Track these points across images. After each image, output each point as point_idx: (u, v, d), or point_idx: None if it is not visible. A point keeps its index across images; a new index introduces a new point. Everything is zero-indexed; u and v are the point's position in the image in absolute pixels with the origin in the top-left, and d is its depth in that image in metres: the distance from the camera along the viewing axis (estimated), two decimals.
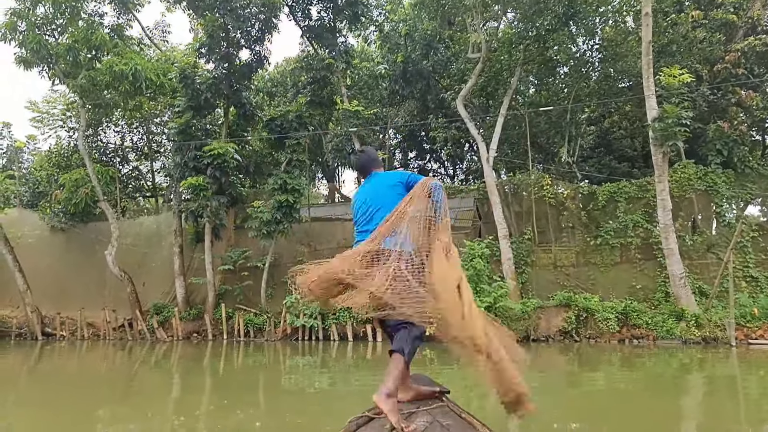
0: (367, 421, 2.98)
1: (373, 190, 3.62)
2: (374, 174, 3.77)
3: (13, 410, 8.14)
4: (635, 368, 11.68)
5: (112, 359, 14.60)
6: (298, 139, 17.84)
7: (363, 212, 3.58)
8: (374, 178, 3.73)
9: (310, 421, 6.75)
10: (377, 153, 4.03)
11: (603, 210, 17.41)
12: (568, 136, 19.26)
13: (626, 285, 16.26)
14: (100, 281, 20.03)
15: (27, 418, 7.46)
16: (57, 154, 23.03)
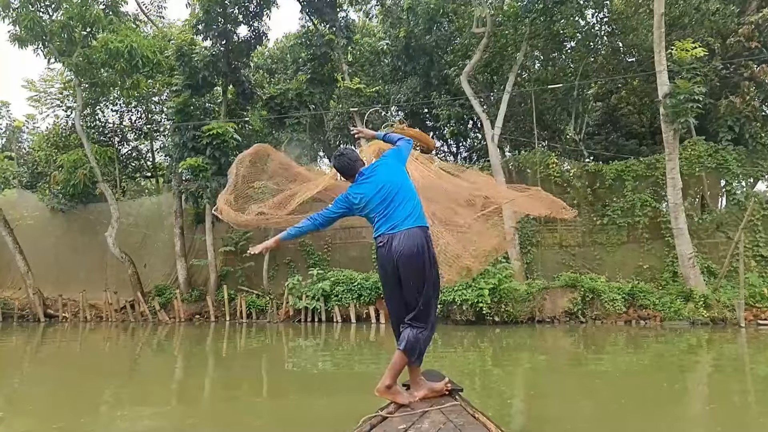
0: (381, 420, 2.98)
1: (383, 179, 3.65)
2: (366, 171, 3.79)
3: (19, 390, 8.16)
4: (641, 349, 11.53)
5: (115, 341, 14.56)
6: (299, 118, 17.47)
7: (380, 199, 3.59)
8: (374, 173, 3.74)
9: (312, 402, 6.63)
10: (356, 152, 4.03)
11: (609, 188, 17.08)
12: (574, 113, 18.79)
13: (633, 265, 16.03)
14: (101, 263, 19.91)
15: (32, 399, 7.44)
16: (55, 134, 22.67)
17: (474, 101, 16.87)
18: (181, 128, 17.58)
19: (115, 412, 6.62)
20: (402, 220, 3.49)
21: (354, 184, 3.81)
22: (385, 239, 3.50)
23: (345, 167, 3.88)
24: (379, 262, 3.64)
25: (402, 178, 3.70)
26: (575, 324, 14.52)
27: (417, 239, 3.43)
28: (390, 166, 3.77)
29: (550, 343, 12.41)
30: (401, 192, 3.59)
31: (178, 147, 17.71)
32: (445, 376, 3.79)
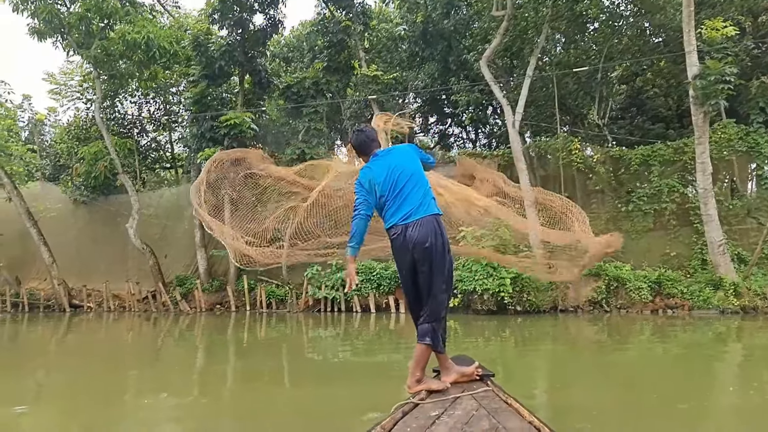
0: (413, 407, 2.97)
1: (394, 161, 3.65)
2: (381, 152, 3.80)
3: (46, 379, 8.32)
4: (669, 339, 11.24)
5: (138, 331, 14.72)
6: (316, 107, 17.30)
7: (390, 184, 3.58)
8: (388, 155, 3.74)
9: (333, 391, 6.55)
10: (375, 132, 4.04)
11: (634, 174, 16.62)
12: (598, 97, 18.26)
13: (660, 253, 15.60)
14: (122, 254, 20.11)
15: (59, 387, 7.57)
16: (76, 126, 22.89)
17: (494, 86, 16.47)
18: (199, 119, 17.56)
19: (140, 401, 6.70)
20: (415, 209, 3.50)
21: (366, 164, 3.81)
22: (399, 230, 3.51)
23: (362, 144, 3.88)
24: (394, 252, 3.64)
25: (415, 166, 3.68)
26: (599, 313, 14.20)
27: (431, 226, 3.46)
28: (405, 152, 3.75)
29: (573, 333, 12.15)
30: (413, 178, 3.59)
31: (196, 138, 17.71)
32: (475, 361, 3.76)
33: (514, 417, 2.75)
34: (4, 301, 18.63)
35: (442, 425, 2.66)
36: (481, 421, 2.70)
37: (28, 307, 18.60)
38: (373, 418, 5.36)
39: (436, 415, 2.80)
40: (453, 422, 2.70)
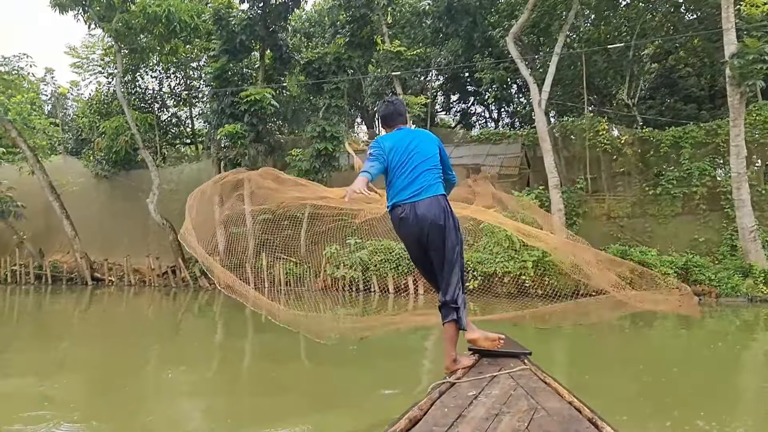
0: (449, 386, 2.95)
1: (416, 139, 3.63)
2: (405, 128, 3.77)
3: (70, 350, 8.50)
4: (694, 326, 10.90)
5: (158, 305, 14.88)
6: (337, 83, 16.99)
7: (406, 156, 3.55)
8: (412, 131, 3.75)
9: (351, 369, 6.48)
10: (405, 107, 3.97)
11: (663, 156, 16.11)
12: (628, 76, 17.64)
13: (687, 238, 15.15)
14: (143, 228, 20.27)
15: (82, 358, 7.74)
16: (97, 100, 22.94)
17: (520, 64, 15.98)
18: (219, 94, 17.41)
19: (160, 374, 6.78)
20: (426, 188, 3.47)
21: (389, 133, 3.80)
22: (407, 207, 3.45)
23: (390, 115, 3.82)
24: (402, 231, 3.58)
25: (434, 152, 3.64)
26: None
27: (441, 204, 3.46)
28: (430, 139, 3.74)
29: (594, 318, 11.87)
30: (430, 160, 3.56)
31: (216, 113, 17.60)
32: (513, 340, 3.85)
33: (552, 397, 2.69)
34: (28, 273, 18.93)
35: (480, 405, 2.61)
36: (519, 401, 2.65)
37: (51, 280, 18.88)
38: (389, 394, 5.31)
39: (473, 395, 2.77)
40: (491, 402, 2.65)
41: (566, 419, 2.35)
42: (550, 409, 2.48)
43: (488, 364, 3.50)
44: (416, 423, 2.36)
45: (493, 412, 2.48)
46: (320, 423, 4.74)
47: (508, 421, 2.35)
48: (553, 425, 2.29)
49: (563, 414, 2.42)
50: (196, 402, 5.63)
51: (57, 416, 4.68)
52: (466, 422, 2.37)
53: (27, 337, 10.46)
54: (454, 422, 2.37)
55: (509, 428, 2.27)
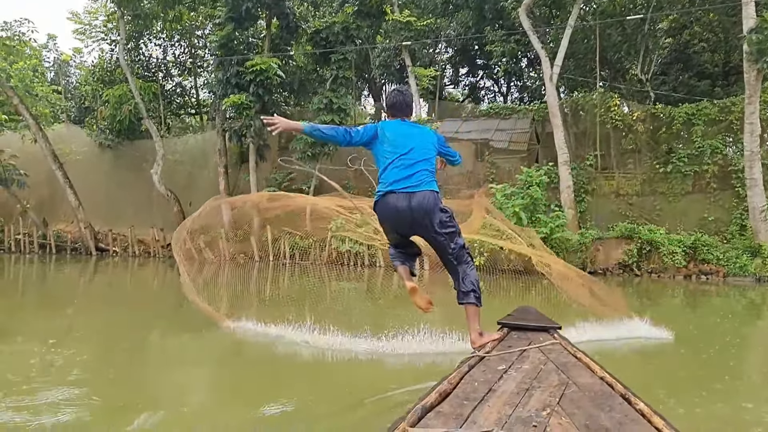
0: (478, 361, 2.93)
1: (418, 136, 3.82)
2: (407, 121, 3.92)
3: (76, 318, 8.40)
4: (700, 305, 10.92)
5: (163, 276, 14.86)
6: (345, 54, 16.64)
7: (407, 150, 3.73)
8: (415, 126, 3.91)
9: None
10: (413, 99, 4.12)
11: (675, 134, 15.86)
12: (643, 50, 17.22)
13: (697, 217, 15.02)
14: (147, 199, 20.17)
15: (88, 326, 7.74)
16: (100, 68, 22.59)
17: (533, 37, 15.59)
18: (225, 63, 17.09)
19: (165, 341, 6.81)
20: (422, 182, 3.68)
21: (390, 120, 3.93)
22: (402, 196, 3.64)
23: (397, 104, 3.93)
24: (389, 214, 3.73)
25: (432, 152, 3.86)
26: (629, 277, 13.84)
27: (434, 197, 3.68)
28: (431, 136, 3.92)
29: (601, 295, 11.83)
30: (429, 161, 3.77)
31: (222, 83, 17.30)
32: (543, 314, 3.91)
33: (584, 372, 2.64)
34: (32, 242, 18.93)
35: (510, 380, 2.58)
36: (549, 376, 2.61)
37: (55, 249, 18.87)
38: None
39: (503, 369, 2.74)
40: (521, 377, 2.61)
41: (598, 395, 2.30)
42: (581, 385, 2.44)
43: (517, 338, 3.47)
44: (446, 396, 2.34)
45: (524, 387, 2.45)
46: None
47: (539, 396, 2.31)
48: (585, 401, 2.24)
49: (595, 389, 2.37)
50: (195, 369, 5.62)
51: (62, 380, 4.73)
52: (497, 396, 2.34)
53: (34, 304, 10.50)
54: (485, 396, 2.34)
55: (540, 403, 2.22)
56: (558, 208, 14.67)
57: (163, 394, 4.79)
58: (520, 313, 3.97)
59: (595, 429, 1.92)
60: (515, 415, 2.09)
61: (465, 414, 2.11)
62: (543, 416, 2.06)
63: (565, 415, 2.06)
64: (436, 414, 2.12)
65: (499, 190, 14.08)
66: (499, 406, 2.20)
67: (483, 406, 2.20)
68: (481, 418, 2.07)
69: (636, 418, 1.99)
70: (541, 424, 1.97)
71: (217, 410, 4.32)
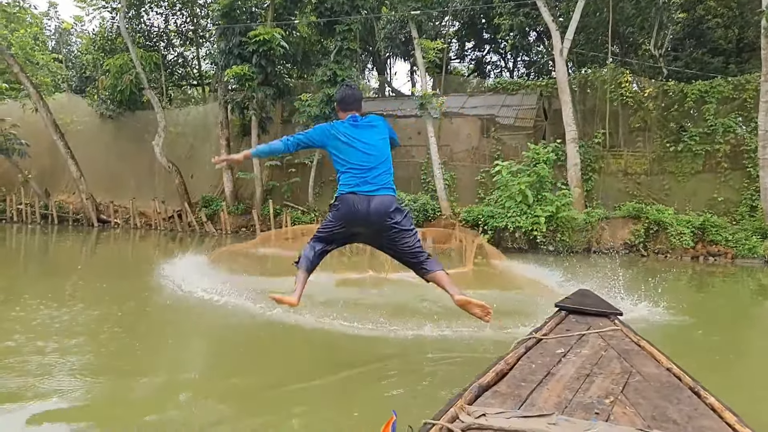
0: (536, 342, 2.91)
1: (373, 133, 4.05)
2: (360, 120, 4.09)
3: (81, 284, 8.41)
4: (706, 286, 10.76)
5: (164, 248, 14.76)
6: (349, 24, 16.22)
7: (366, 157, 3.95)
8: (371, 128, 4.08)
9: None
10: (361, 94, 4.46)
11: (686, 112, 15.51)
12: (657, 25, 16.73)
13: (706, 197, 14.77)
14: (149, 171, 20.02)
15: (95, 291, 7.74)
16: (101, 37, 22.20)
17: (543, 9, 15.13)
18: (227, 34, 16.72)
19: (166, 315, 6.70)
20: (382, 186, 3.93)
21: (342, 121, 4.09)
22: (362, 198, 3.87)
23: (346, 98, 4.16)
24: (347, 214, 3.95)
25: (389, 152, 4.11)
26: (635, 257, 13.66)
27: (391, 200, 3.97)
28: (384, 131, 4.14)
29: (605, 274, 11.66)
30: (386, 162, 4.01)
31: (224, 54, 16.96)
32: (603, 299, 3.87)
33: (648, 361, 2.55)
34: (34, 212, 18.84)
35: (569, 364, 2.53)
36: (611, 363, 2.53)
37: (57, 220, 18.79)
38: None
39: (561, 353, 2.70)
40: (581, 362, 2.55)
41: (665, 386, 2.21)
42: (646, 374, 2.35)
43: (576, 322, 3.36)
44: (503, 377, 2.33)
45: (584, 372, 2.39)
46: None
47: (600, 383, 2.24)
48: (651, 391, 2.15)
49: (661, 380, 2.28)
50: (199, 339, 5.55)
51: (65, 342, 4.88)
52: (556, 380, 2.29)
53: (38, 273, 10.51)
54: (543, 379, 2.30)
55: (603, 390, 2.15)
56: (564, 186, 14.44)
57: (157, 360, 4.77)
58: (578, 296, 3.89)
59: (663, 421, 1.85)
60: (576, 400, 2.05)
61: (523, 395, 2.09)
62: (606, 404, 2.01)
63: (630, 405, 2.00)
64: (493, 393, 2.11)
65: (505, 167, 13.84)
66: (559, 390, 2.16)
67: (542, 389, 2.17)
68: (540, 400, 2.04)
69: (706, 413, 1.91)
70: (603, 412, 1.92)
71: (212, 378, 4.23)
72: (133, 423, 3.42)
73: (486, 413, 1.84)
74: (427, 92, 15.79)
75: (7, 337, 5.03)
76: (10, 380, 3.89)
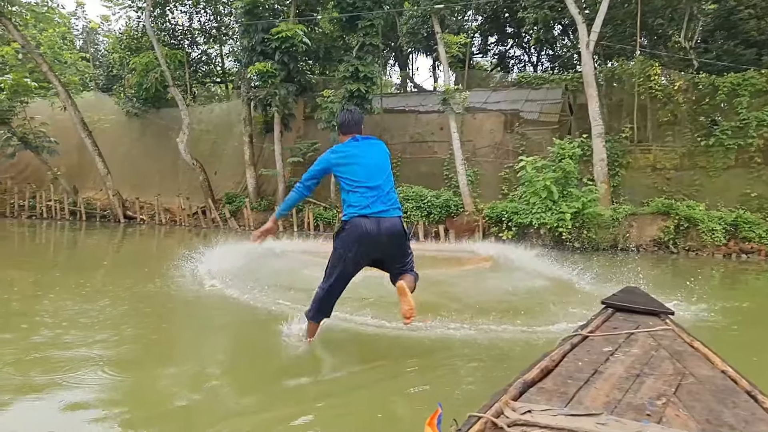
0: (582, 339, 2.83)
1: (375, 153, 4.21)
2: (362, 141, 4.25)
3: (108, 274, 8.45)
4: (739, 284, 10.47)
5: (189, 243, 14.90)
6: (372, 19, 16.14)
7: (371, 176, 4.05)
8: (372, 145, 4.27)
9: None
10: (363, 117, 4.51)
11: (715, 106, 15.07)
12: (687, 15, 16.27)
13: (738, 192, 14.34)
14: (173, 168, 20.26)
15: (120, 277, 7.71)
16: (127, 36, 22.53)
17: (569, 1, 14.82)
18: (250, 31, 16.78)
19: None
20: (391, 207, 4.07)
21: (343, 144, 4.26)
22: (371, 221, 3.96)
23: (347, 122, 4.31)
24: (359, 239, 3.99)
25: (390, 168, 4.27)
26: (664, 254, 13.34)
27: (401, 223, 4.15)
28: (386, 154, 4.31)
29: (633, 273, 11.41)
30: (389, 179, 4.17)
31: (247, 51, 17.04)
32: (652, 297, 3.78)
33: (703, 363, 2.47)
34: (63, 208, 19.20)
35: (618, 363, 2.45)
36: (662, 364, 2.45)
37: (86, 216, 19.13)
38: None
39: (609, 351, 2.62)
40: (630, 361, 2.48)
41: (720, 389, 2.13)
42: (700, 377, 2.27)
43: (623, 320, 3.28)
44: (548, 373, 2.29)
45: (634, 372, 2.33)
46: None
47: (651, 384, 2.18)
48: (705, 394, 2.07)
49: (716, 383, 2.20)
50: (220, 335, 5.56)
51: (91, 335, 4.99)
52: (604, 379, 2.23)
53: (71, 266, 10.80)
54: (590, 378, 2.24)
55: (654, 391, 2.09)
56: (590, 182, 14.17)
57: (182, 353, 4.87)
58: (626, 293, 3.78)
59: (718, 425, 1.78)
60: (626, 400, 1.99)
61: (570, 393, 2.05)
62: (658, 405, 1.95)
63: (683, 407, 1.95)
64: (538, 390, 2.07)
65: (530, 163, 13.63)
66: (607, 390, 2.11)
67: (589, 387, 2.12)
68: (587, 399, 2.00)
69: (765, 418, 1.83)
70: (655, 413, 1.86)
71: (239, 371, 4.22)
72: (157, 413, 3.46)
73: (532, 410, 1.79)
74: (450, 87, 15.63)
75: (35, 331, 5.14)
76: (39, 373, 3.96)
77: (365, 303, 6.23)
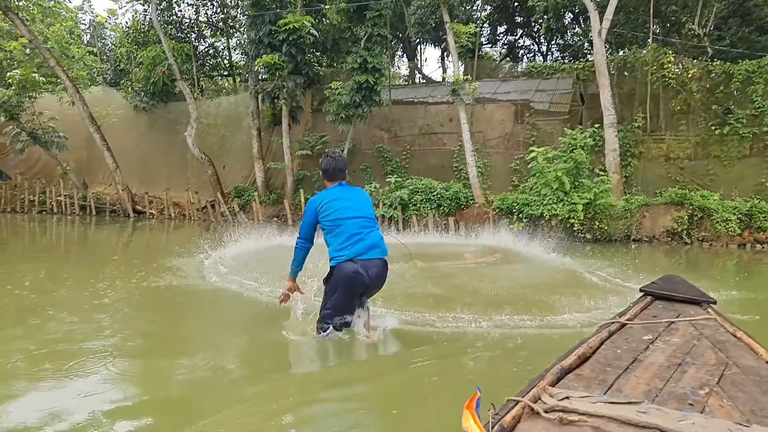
0: (619, 327, 2.79)
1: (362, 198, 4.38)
2: (347, 188, 4.38)
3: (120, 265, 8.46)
4: (754, 274, 10.27)
5: (198, 237, 14.88)
6: (380, 10, 15.97)
7: (356, 219, 4.19)
8: (357, 191, 4.45)
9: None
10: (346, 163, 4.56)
11: (731, 93, 14.80)
12: (702, 1, 15.97)
13: (753, 182, 14.12)
14: (182, 162, 20.25)
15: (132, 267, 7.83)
16: (134, 29, 22.48)
17: None
18: (257, 23, 16.66)
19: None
20: (374, 246, 4.16)
21: (328, 189, 4.35)
22: (357, 264, 4.04)
23: (330, 168, 4.36)
24: (346, 279, 4.06)
25: (374, 215, 4.40)
26: (678, 245, 13.16)
27: (385, 266, 4.28)
28: (368, 200, 4.44)
29: (647, 264, 11.26)
30: (374, 223, 4.31)
31: (254, 43, 16.93)
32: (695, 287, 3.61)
33: (746, 354, 2.40)
34: (73, 203, 19.27)
35: (659, 351, 2.41)
36: (704, 353, 2.39)
37: (95, 211, 19.19)
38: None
39: (649, 340, 2.58)
40: (671, 350, 2.43)
41: (765, 380, 2.07)
42: (744, 367, 2.21)
43: (663, 308, 3.21)
44: (585, 360, 2.26)
45: (675, 361, 2.28)
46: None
47: (694, 373, 2.13)
48: (750, 385, 2.01)
49: (761, 373, 2.14)
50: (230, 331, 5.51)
51: (103, 328, 4.99)
52: (644, 367, 2.19)
53: (83, 259, 10.94)
54: (630, 366, 2.20)
55: (696, 381, 2.04)
56: (602, 172, 13.99)
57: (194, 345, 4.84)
58: (665, 281, 3.73)
59: (763, 416, 1.72)
60: (667, 390, 1.96)
61: (609, 380, 2.02)
62: (701, 395, 1.90)
63: (727, 398, 1.89)
64: (576, 377, 2.06)
65: (541, 153, 13.47)
66: (648, 378, 2.07)
67: (629, 375, 2.09)
68: (627, 387, 1.97)
69: None
70: (698, 403, 1.82)
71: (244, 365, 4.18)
72: (163, 402, 3.50)
73: (570, 396, 1.75)
74: (459, 78, 15.47)
75: (47, 325, 5.13)
76: (51, 366, 3.99)
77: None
